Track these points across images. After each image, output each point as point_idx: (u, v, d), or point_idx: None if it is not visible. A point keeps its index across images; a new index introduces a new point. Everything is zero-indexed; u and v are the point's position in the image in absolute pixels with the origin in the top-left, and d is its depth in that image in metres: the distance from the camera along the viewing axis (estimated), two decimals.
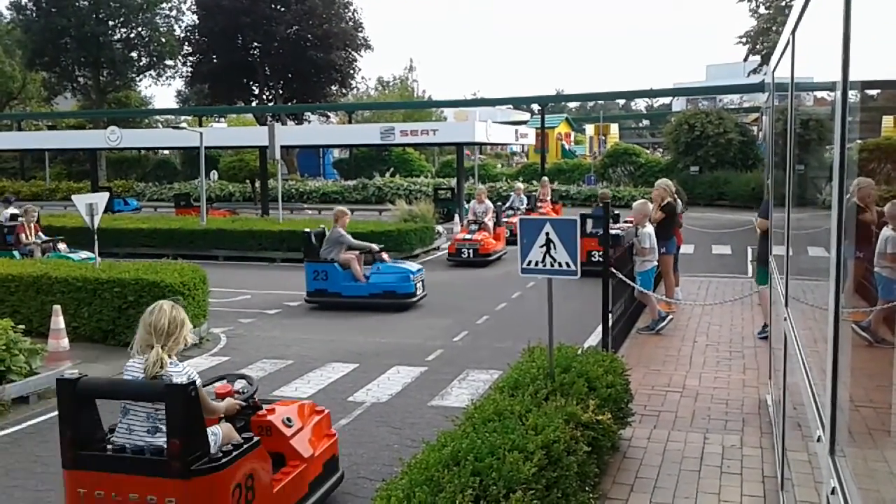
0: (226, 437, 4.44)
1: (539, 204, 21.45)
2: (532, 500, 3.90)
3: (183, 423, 4.07)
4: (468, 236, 17.13)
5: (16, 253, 13.95)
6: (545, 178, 24.68)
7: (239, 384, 5.12)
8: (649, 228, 9.84)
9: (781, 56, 5.09)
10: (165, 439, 4.13)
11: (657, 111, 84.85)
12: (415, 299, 12.40)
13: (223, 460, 4.21)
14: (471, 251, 16.78)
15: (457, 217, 24.46)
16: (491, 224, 17.50)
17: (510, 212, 20.07)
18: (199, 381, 4.27)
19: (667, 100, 76.85)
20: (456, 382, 8.30)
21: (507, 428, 4.48)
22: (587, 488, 4.75)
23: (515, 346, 7.95)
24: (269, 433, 4.87)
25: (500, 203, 20.64)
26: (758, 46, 36.71)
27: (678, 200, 11.28)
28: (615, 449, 5.84)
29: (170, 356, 4.28)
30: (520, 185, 23.39)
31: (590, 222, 14.37)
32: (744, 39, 38.07)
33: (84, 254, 14.26)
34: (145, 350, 4.28)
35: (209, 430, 4.31)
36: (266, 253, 17.92)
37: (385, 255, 12.77)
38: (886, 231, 2.90)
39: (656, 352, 8.89)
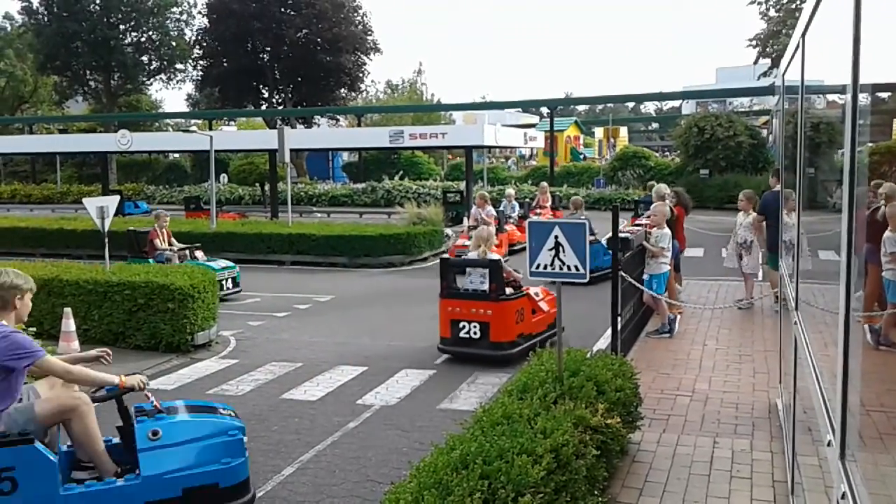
0: None
1: (539, 210, 20.73)
2: (540, 503, 3.89)
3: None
4: (468, 242, 16.36)
5: (151, 261, 13.07)
6: (544, 184, 23.79)
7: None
8: (666, 230, 9.84)
9: (791, 59, 5.08)
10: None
11: (667, 114, 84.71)
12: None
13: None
14: None
15: (465, 220, 24.46)
16: (493, 230, 17.08)
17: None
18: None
19: (676, 103, 76.75)
20: (465, 385, 8.29)
21: (516, 431, 4.48)
22: (596, 492, 4.73)
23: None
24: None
25: (502, 210, 20.00)
26: (768, 49, 36.65)
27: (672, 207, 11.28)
28: (624, 453, 5.82)
29: None
30: (511, 191, 22.71)
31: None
32: (754, 42, 38.02)
33: (222, 262, 13.90)
34: None
35: None
36: (275, 256, 17.97)
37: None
38: (888, 233, 2.89)
39: (666, 355, 8.86)
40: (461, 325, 9.06)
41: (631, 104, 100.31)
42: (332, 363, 9.29)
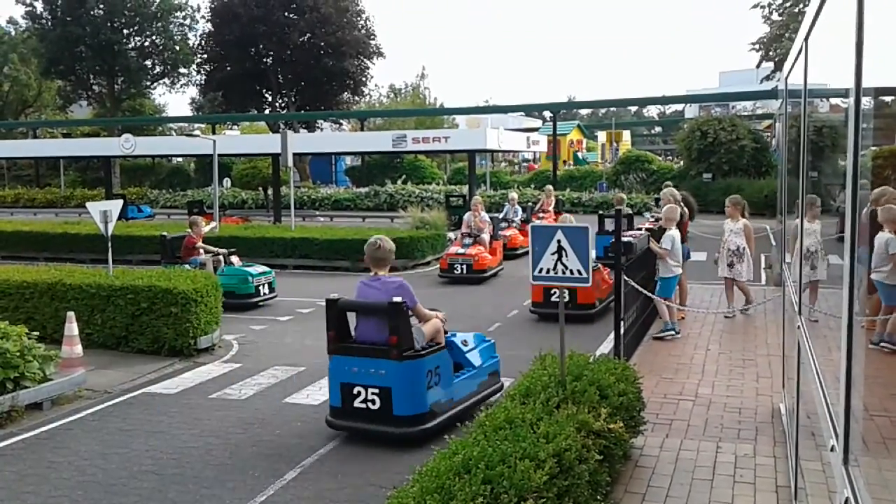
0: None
1: (542, 214, 20.45)
2: None
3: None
4: (461, 250, 15.81)
5: (186, 266, 12.57)
6: (549, 187, 23.50)
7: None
8: (674, 232, 9.83)
9: (794, 63, 5.07)
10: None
11: (669, 118, 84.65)
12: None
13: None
14: (464, 267, 15.44)
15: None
16: (487, 238, 16.29)
17: (504, 224, 19.35)
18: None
19: (679, 106, 76.72)
20: None
21: (519, 436, 4.47)
22: (599, 497, 4.72)
23: (527, 354, 7.94)
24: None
25: (497, 215, 19.78)
26: (770, 53, 36.64)
27: (684, 209, 11.28)
28: (627, 458, 5.81)
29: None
30: (514, 194, 22.42)
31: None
32: (756, 46, 38.01)
33: (259, 267, 13.74)
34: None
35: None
36: (278, 260, 17.97)
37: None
38: (883, 235, 2.88)
39: (669, 360, 8.85)
40: (552, 291, 10.33)
41: (634, 108, 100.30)
42: None
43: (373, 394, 6.68)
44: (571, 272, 5.46)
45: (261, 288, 13.43)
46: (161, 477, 6.14)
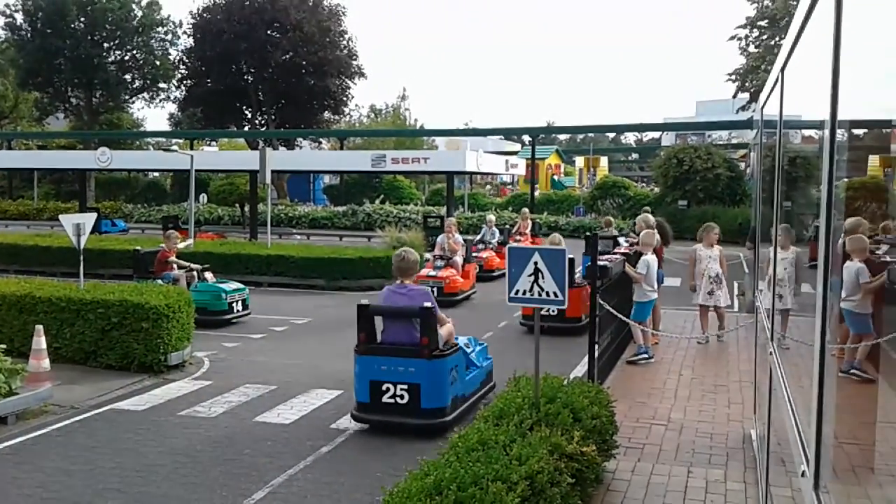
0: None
1: (519, 237, 20.42)
2: None
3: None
4: (432, 272, 15.28)
5: (159, 281, 12.62)
6: (525, 210, 23.60)
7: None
8: (649, 257, 9.91)
9: (770, 93, 5.16)
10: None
11: (646, 145, 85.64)
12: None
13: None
14: (435, 290, 13.57)
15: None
16: (460, 260, 15.88)
17: (481, 245, 19.35)
18: None
19: (656, 134, 77.55)
20: None
21: (491, 458, 4.44)
22: None
23: (501, 376, 7.92)
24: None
25: (472, 237, 19.71)
26: (747, 84, 37.22)
27: (658, 236, 11.39)
28: (599, 481, 5.79)
29: None
30: (491, 217, 22.49)
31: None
32: (733, 77, 38.59)
33: (233, 284, 13.60)
34: None
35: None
36: (253, 277, 17.82)
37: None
38: (852, 264, 2.93)
39: (642, 384, 8.87)
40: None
41: (612, 134, 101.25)
42: (306, 386, 9.19)
43: (402, 390, 7.41)
44: (548, 294, 5.47)
45: (234, 305, 13.30)
46: (126, 495, 6.01)
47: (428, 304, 7.38)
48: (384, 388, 7.43)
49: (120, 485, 6.21)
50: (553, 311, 11.26)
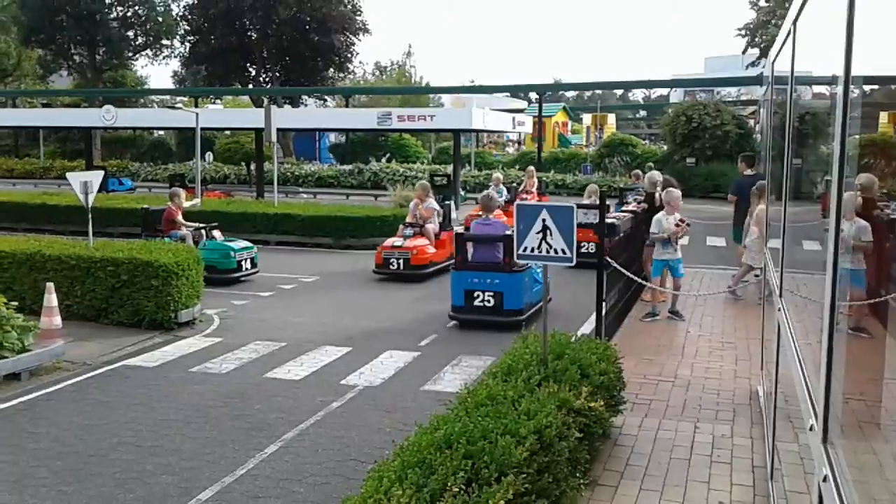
0: None
1: (525, 195, 20.20)
2: (523, 483, 3.92)
3: None
4: (398, 242, 13.62)
5: (167, 239, 12.47)
6: (531, 168, 23.34)
7: None
8: (661, 216, 10.01)
9: (781, 47, 5.08)
10: None
11: (655, 102, 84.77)
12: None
13: None
14: (400, 262, 13.36)
15: (452, 204, 24.38)
16: (433, 228, 14.25)
17: None
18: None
19: (664, 91, 76.78)
20: (449, 368, 8.32)
21: (500, 413, 4.50)
22: (578, 474, 4.77)
23: (509, 335, 7.98)
24: None
25: (449, 202, 19.39)
26: (756, 39, 36.76)
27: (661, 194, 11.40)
28: (606, 436, 5.87)
29: None
30: (498, 175, 22.35)
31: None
32: (743, 32, 38.11)
33: (241, 242, 13.62)
34: None
35: None
36: (260, 236, 17.85)
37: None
38: (855, 221, 2.92)
39: (649, 341, 8.93)
40: None
41: (619, 91, 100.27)
42: (316, 343, 9.28)
43: (488, 296, 10.02)
44: (556, 251, 5.47)
45: (243, 263, 13.38)
46: (141, 448, 6.13)
47: (508, 232, 9.49)
48: (475, 294, 10.05)
49: (134, 439, 6.32)
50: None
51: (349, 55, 50.86)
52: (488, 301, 10.00)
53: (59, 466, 5.79)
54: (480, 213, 11.54)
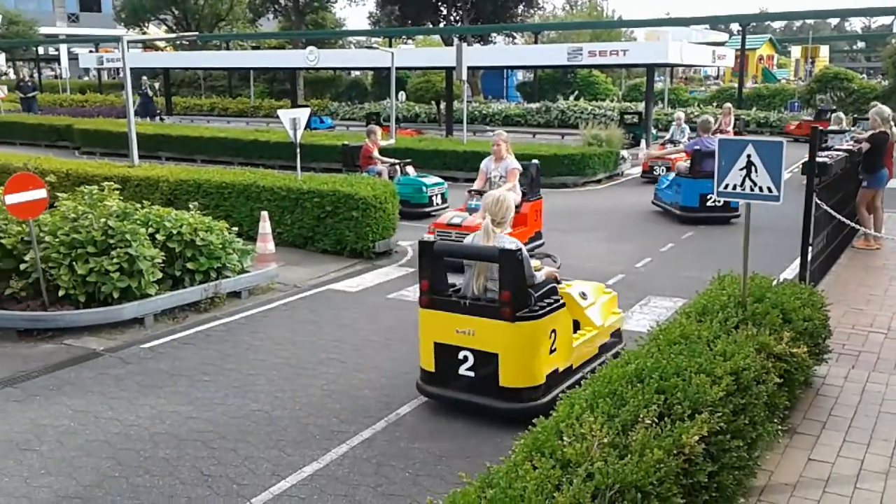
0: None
1: (720, 134, 19.48)
2: (718, 422, 3.85)
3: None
4: (457, 220, 9.83)
5: (365, 174, 12.91)
6: (728, 105, 21.75)
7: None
8: None
9: None
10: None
11: (875, 32, 76.45)
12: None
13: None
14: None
15: (643, 143, 23.63)
16: (514, 198, 7.95)
17: (670, 145, 18.11)
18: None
19: (887, 20, 68.82)
20: (637, 307, 8.23)
21: (694, 351, 4.42)
22: (776, 420, 4.61)
23: (702, 276, 7.72)
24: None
25: (670, 135, 18.90)
26: None
27: (893, 131, 10.36)
28: (808, 384, 5.60)
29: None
30: (680, 114, 21.10)
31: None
32: None
33: (433, 178, 14.26)
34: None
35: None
36: (450, 172, 18.31)
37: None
38: None
39: (859, 290, 8.31)
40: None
41: (834, 21, 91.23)
42: None
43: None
44: (761, 189, 5.20)
45: (434, 198, 13.83)
46: (346, 364, 6.64)
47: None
48: (707, 197, 12.45)
49: (339, 356, 6.85)
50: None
51: None
52: (718, 201, 11.87)
53: (273, 376, 6.41)
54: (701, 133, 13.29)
